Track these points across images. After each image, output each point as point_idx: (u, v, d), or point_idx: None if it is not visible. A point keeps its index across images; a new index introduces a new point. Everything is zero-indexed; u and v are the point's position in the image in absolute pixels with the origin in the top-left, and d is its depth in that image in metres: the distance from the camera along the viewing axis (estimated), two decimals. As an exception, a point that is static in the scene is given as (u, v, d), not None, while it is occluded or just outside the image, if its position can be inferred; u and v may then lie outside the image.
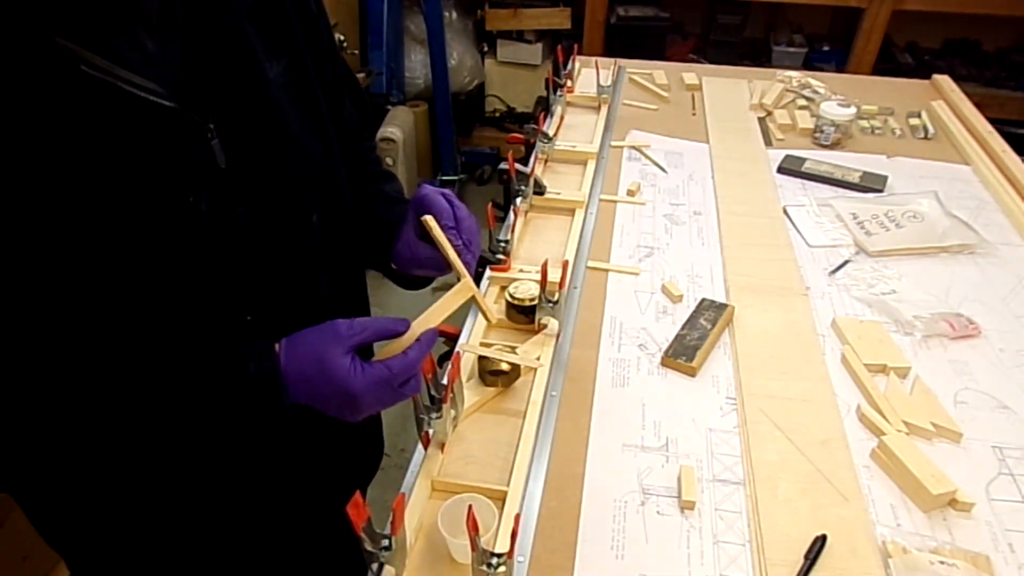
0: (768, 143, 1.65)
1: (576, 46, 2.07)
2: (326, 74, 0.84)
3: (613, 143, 1.60)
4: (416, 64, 3.09)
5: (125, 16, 0.62)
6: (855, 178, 1.50)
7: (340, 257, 0.90)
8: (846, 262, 1.27)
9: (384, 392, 0.71)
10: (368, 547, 0.70)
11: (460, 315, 1.14)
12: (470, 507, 0.68)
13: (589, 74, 1.81)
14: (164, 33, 0.65)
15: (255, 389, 0.69)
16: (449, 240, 0.83)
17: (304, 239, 0.82)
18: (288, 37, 0.78)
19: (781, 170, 1.53)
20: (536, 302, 1.04)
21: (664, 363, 1.05)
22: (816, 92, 1.83)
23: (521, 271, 1.15)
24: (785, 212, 1.39)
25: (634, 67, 1.98)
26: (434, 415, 0.84)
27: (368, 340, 0.72)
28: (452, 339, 1.10)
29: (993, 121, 1.69)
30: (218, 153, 0.70)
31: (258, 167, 0.74)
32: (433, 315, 0.78)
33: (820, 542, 0.80)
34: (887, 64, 2.91)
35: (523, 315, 1.06)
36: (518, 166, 1.30)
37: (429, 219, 0.83)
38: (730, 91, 1.87)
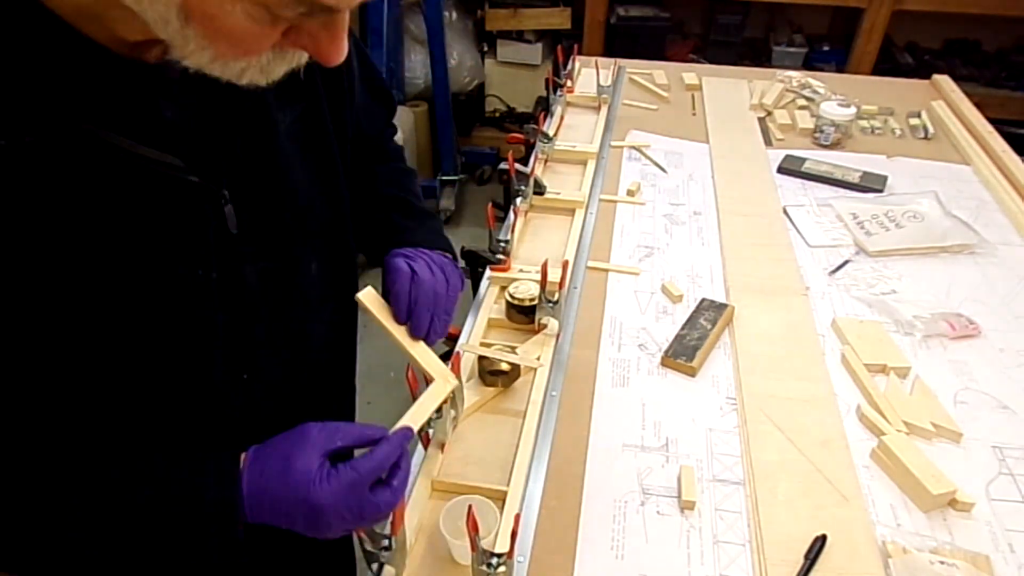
0: (768, 143, 1.65)
1: (576, 46, 2.07)
2: (344, 114, 0.81)
3: (613, 143, 1.60)
4: (416, 64, 3.09)
5: (150, 91, 0.60)
6: (855, 178, 1.50)
7: (337, 304, 0.86)
8: (846, 262, 1.27)
9: (352, 498, 0.63)
10: (368, 547, 0.70)
11: (460, 315, 1.14)
12: (470, 507, 0.68)
13: (589, 74, 1.81)
14: (183, 100, 0.63)
15: (210, 518, 0.63)
16: (405, 315, 0.80)
17: (304, 290, 0.78)
18: (307, 84, 0.72)
19: (781, 170, 1.53)
20: (536, 302, 1.04)
21: (664, 363, 1.05)
22: (816, 92, 1.83)
23: (521, 271, 1.15)
24: (785, 212, 1.39)
25: (634, 67, 1.98)
26: (434, 415, 0.84)
27: (343, 447, 0.66)
28: (452, 339, 1.10)
29: (993, 121, 1.69)
30: (230, 218, 0.67)
31: (265, 226, 0.71)
32: (411, 418, 0.76)
33: (820, 542, 0.80)
34: (887, 64, 2.91)
35: (523, 315, 1.06)
36: (518, 166, 1.30)
37: (363, 298, 0.81)
38: (730, 91, 1.87)
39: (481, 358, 0.98)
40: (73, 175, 0.56)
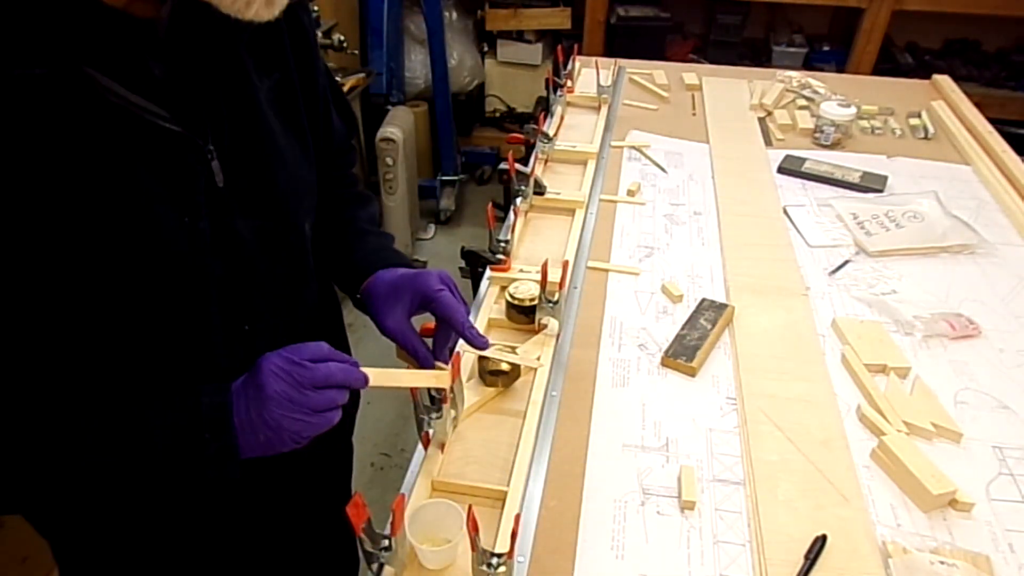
0: (768, 143, 1.65)
1: (576, 46, 2.07)
2: (314, 87, 0.86)
3: (613, 143, 1.60)
4: (416, 64, 3.09)
5: (140, 46, 0.64)
6: (855, 178, 1.50)
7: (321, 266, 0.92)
8: (846, 262, 1.27)
9: (295, 389, 0.68)
10: (368, 547, 0.70)
11: (460, 315, 1.14)
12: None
13: (589, 74, 1.81)
14: (171, 59, 0.67)
15: (206, 422, 0.68)
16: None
17: (299, 249, 0.84)
18: (279, 54, 0.79)
19: (781, 170, 1.53)
20: (536, 302, 1.04)
21: (664, 363, 1.05)
22: (816, 92, 1.83)
23: (521, 271, 1.15)
24: (785, 212, 1.39)
25: (634, 67, 1.98)
26: (434, 415, 0.84)
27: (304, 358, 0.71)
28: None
29: (993, 121, 1.69)
30: (217, 173, 0.71)
31: (254, 183, 0.75)
32: (394, 376, 0.79)
33: (820, 542, 0.80)
34: (887, 64, 2.91)
35: (523, 315, 1.06)
36: (518, 166, 1.30)
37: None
38: (730, 91, 1.87)
39: (481, 358, 0.98)
40: (64, 115, 0.60)
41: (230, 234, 0.73)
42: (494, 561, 0.70)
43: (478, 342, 0.89)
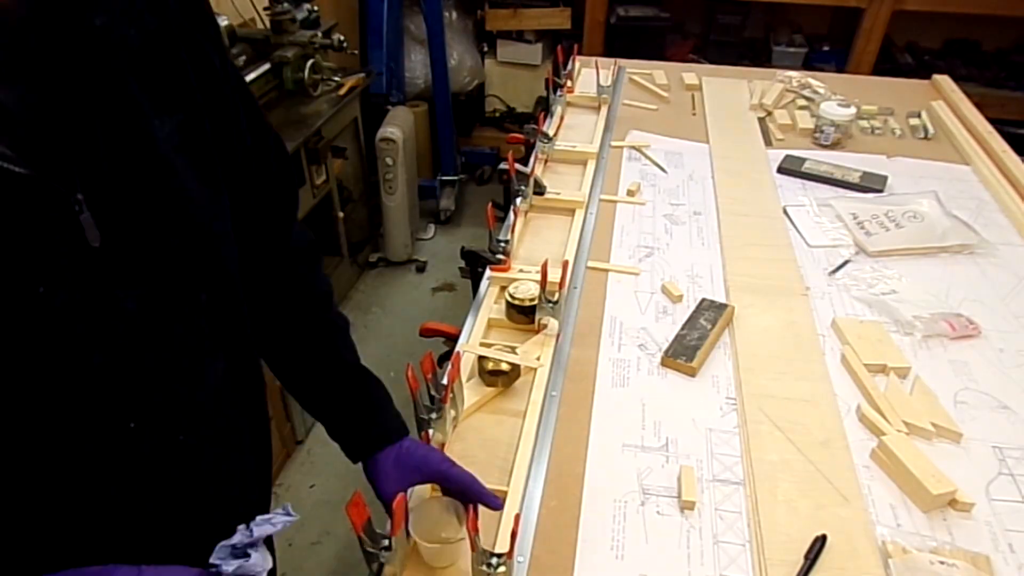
0: (768, 143, 1.65)
1: (576, 46, 2.07)
2: (232, 138, 0.69)
3: (613, 143, 1.60)
4: (416, 64, 3.09)
5: None
6: (855, 178, 1.50)
7: (231, 338, 0.72)
8: (846, 262, 1.27)
9: None
10: (368, 547, 0.70)
11: (460, 315, 1.14)
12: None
13: (589, 74, 1.81)
14: (18, 83, 0.50)
15: None
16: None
17: (194, 322, 0.66)
18: (183, 92, 0.62)
19: (781, 170, 1.54)
20: (536, 302, 1.04)
21: (664, 363, 1.05)
22: (816, 92, 1.83)
23: (521, 271, 1.15)
24: (785, 212, 1.40)
25: (634, 67, 1.99)
26: (434, 415, 0.84)
27: None
28: (452, 339, 1.10)
29: (993, 121, 1.69)
30: (89, 229, 0.54)
31: (142, 243, 0.59)
32: None
33: (820, 542, 0.80)
34: (887, 64, 2.91)
35: (523, 315, 1.06)
36: (518, 166, 1.31)
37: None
38: (730, 91, 1.87)
39: (481, 358, 0.98)
40: None
41: (108, 307, 0.56)
42: (494, 561, 0.70)
43: (494, 504, 0.79)
